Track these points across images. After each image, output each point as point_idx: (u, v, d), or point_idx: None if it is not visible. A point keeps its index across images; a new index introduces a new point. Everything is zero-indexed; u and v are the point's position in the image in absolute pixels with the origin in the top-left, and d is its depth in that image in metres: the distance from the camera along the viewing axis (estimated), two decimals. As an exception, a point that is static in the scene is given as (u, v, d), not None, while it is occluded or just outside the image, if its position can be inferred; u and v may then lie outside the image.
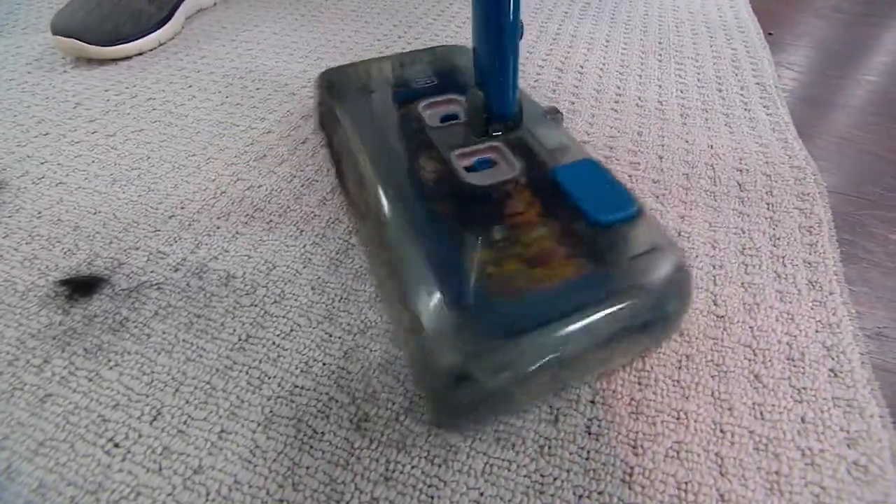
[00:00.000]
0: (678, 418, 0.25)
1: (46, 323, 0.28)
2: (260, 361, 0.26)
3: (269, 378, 0.26)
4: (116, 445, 0.23)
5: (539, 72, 0.52)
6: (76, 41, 0.50)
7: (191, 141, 0.42)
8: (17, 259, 0.32)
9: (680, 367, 0.27)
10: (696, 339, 0.28)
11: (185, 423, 0.24)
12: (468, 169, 0.28)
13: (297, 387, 0.25)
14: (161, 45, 0.56)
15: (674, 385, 0.26)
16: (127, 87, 0.49)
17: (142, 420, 0.24)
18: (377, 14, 0.63)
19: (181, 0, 0.58)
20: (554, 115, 0.33)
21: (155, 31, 0.55)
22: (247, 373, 0.26)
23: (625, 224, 0.24)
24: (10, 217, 0.35)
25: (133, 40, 0.53)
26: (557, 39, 0.58)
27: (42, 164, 0.40)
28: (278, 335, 0.28)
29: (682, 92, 0.49)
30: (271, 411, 0.24)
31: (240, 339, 0.27)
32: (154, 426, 0.24)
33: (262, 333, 0.28)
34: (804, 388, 0.26)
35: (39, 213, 0.35)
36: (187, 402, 0.25)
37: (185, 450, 0.23)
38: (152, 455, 0.23)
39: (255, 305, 0.29)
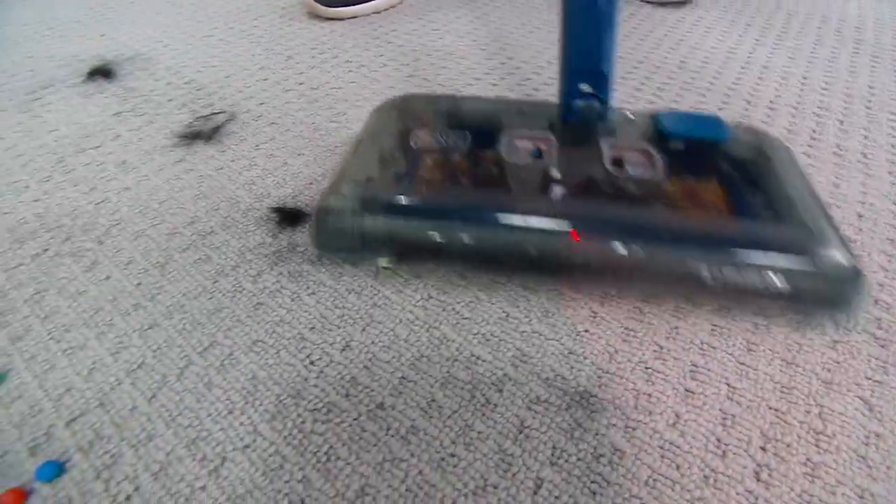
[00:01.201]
0: (861, 497, 0.23)
1: (260, 241, 0.33)
2: (441, 324, 0.28)
3: (450, 341, 0.27)
4: (312, 363, 0.27)
5: (725, 101, 0.49)
6: None
7: (382, 106, 0.45)
8: (241, 181, 0.37)
9: (867, 444, 0.25)
10: (890, 418, 0.25)
11: (370, 360, 0.27)
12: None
13: (474, 356, 0.27)
14: (375, 13, 0.62)
15: (859, 461, 0.24)
16: (329, 48, 0.54)
17: (333, 347, 0.27)
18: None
19: None
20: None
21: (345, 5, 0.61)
22: (428, 331, 0.28)
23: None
24: (236, 145, 0.41)
25: (352, 5, 0.59)
26: (747, 69, 0.54)
27: (261, 104, 0.45)
28: (463, 306, 0.29)
29: (893, 147, 0.44)
30: (449, 372, 0.26)
31: (422, 298, 0.30)
32: (344, 355, 0.27)
33: (445, 298, 0.30)
34: None
35: (257, 145, 0.41)
36: (373, 342, 0.27)
37: (369, 384, 0.26)
38: (341, 381, 0.26)
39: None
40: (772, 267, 0.25)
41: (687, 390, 0.25)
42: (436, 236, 0.27)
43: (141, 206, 0.36)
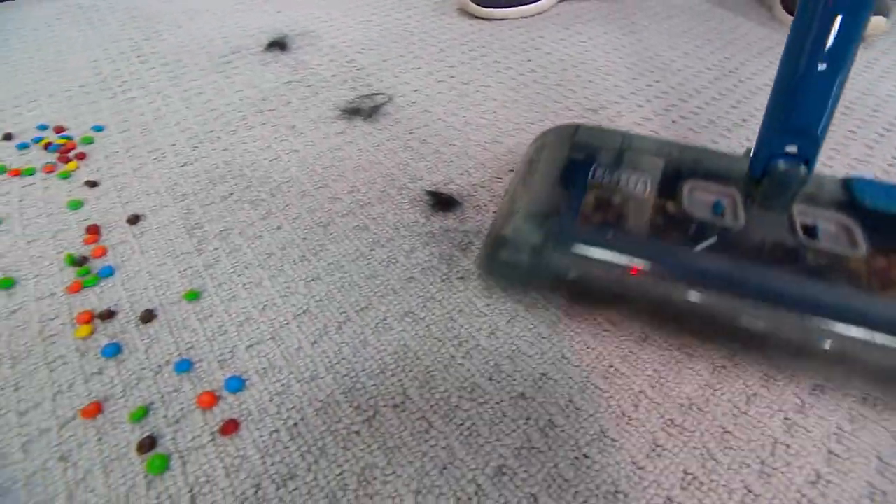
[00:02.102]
0: None
1: (413, 220, 0.35)
2: (583, 333, 0.29)
3: (591, 349, 0.28)
4: (460, 343, 0.28)
5: (878, 140, 0.45)
6: None
7: (529, 109, 0.47)
8: (396, 161, 0.40)
9: None
10: None
11: (514, 351, 0.28)
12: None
13: (613, 367, 0.27)
14: (523, 17, 0.63)
15: None
16: (479, 47, 0.56)
17: (480, 332, 0.29)
18: (706, 43, 0.61)
19: None
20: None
21: (526, 4, 0.62)
22: (570, 336, 0.29)
23: None
24: (392, 125, 0.44)
25: (504, 7, 0.61)
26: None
27: (415, 91, 0.48)
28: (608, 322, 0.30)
29: None
30: (588, 378, 0.27)
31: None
32: (489, 342, 0.28)
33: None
34: None
35: (411, 130, 0.43)
36: (518, 335, 0.29)
37: (512, 373, 0.27)
38: (486, 365, 0.27)
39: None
40: None
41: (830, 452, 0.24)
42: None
43: (307, 168, 0.40)
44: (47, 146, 0.42)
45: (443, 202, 0.36)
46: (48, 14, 0.67)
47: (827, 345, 0.23)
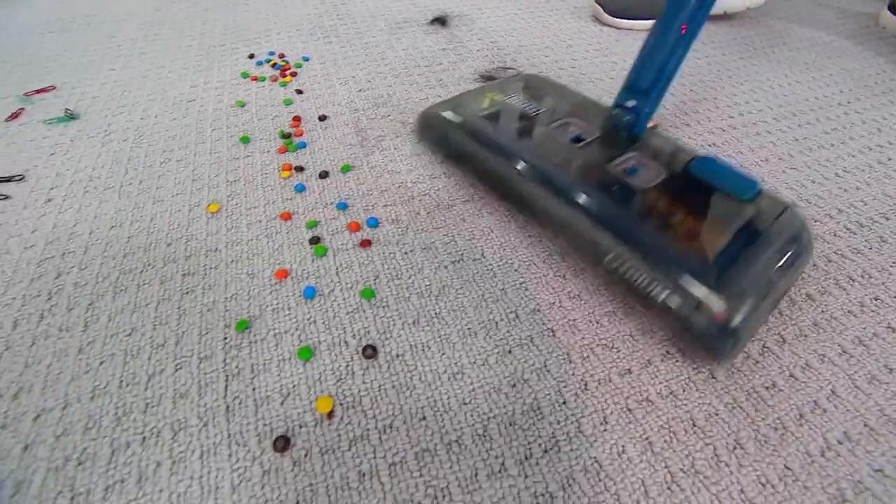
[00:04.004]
0: None
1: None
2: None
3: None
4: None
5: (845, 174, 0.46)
6: (598, 5, 0.68)
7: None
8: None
9: None
10: None
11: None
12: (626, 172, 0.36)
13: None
14: (646, 30, 0.71)
15: None
16: (603, 48, 0.65)
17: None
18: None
19: None
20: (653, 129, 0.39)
21: (651, 20, 0.70)
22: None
23: (760, 194, 0.33)
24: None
25: (630, 19, 0.69)
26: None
27: (539, 72, 0.59)
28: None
29: None
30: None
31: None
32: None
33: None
34: None
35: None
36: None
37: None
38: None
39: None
40: (671, 287, 0.29)
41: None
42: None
43: (443, 110, 0.53)
44: (273, 65, 0.60)
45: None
46: (278, -23, 0.89)
47: (593, 244, 0.33)
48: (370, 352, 0.30)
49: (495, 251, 0.37)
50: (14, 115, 0.52)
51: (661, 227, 0.32)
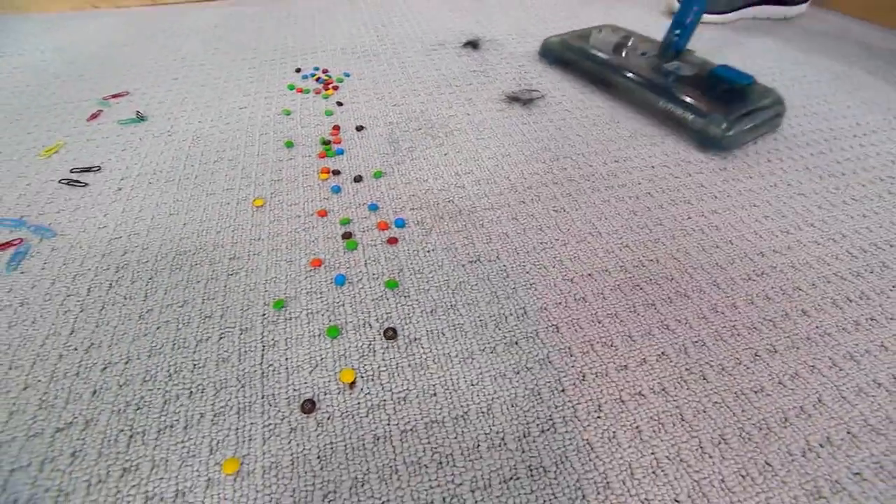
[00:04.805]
0: None
1: (534, 170, 0.50)
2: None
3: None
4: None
5: None
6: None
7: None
8: (541, 137, 0.55)
9: None
10: None
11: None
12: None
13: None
14: (713, 23, 0.83)
15: None
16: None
17: (553, 242, 0.42)
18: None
19: (751, 4, 0.84)
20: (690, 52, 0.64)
21: (717, 13, 0.81)
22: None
23: (753, 83, 0.58)
24: (539, 114, 0.59)
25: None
26: None
27: (563, 96, 0.63)
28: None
29: None
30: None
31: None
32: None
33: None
34: None
35: (551, 119, 0.58)
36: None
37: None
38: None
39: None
40: (699, 115, 0.54)
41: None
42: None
43: (474, 125, 0.57)
44: (317, 79, 0.66)
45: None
46: (326, 2, 0.96)
47: (658, 103, 0.58)
48: (391, 333, 0.34)
49: (510, 255, 0.41)
50: (94, 116, 0.59)
51: (692, 93, 0.56)
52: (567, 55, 0.68)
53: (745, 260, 0.41)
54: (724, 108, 0.53)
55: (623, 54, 0.64)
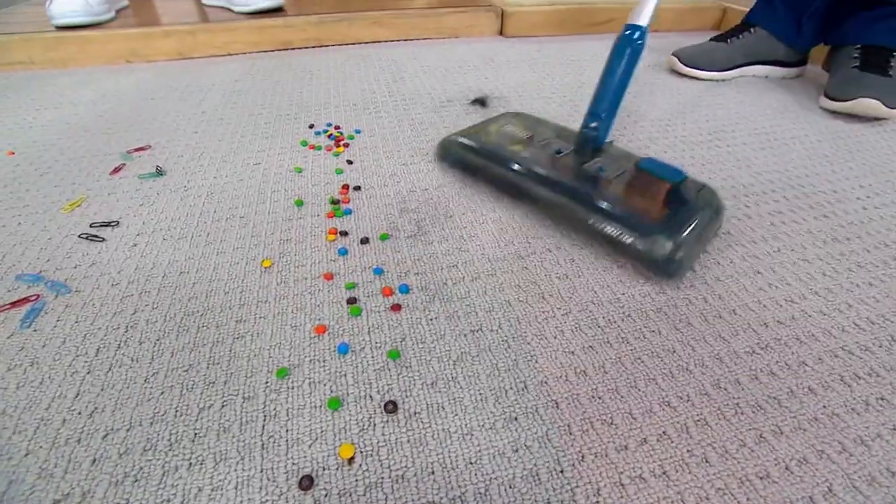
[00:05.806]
0: None
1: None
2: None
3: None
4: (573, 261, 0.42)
5: None
6: (675, 58, 0.86)
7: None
8: (537, 195, 0.56)
9: None
10: None
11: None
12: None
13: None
14: (712, 81, 0.85)
15: None
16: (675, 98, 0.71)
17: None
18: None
19: (750, 63, 0.87)
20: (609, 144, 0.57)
21: (716, 71, 0.83)
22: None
23: (685, 179, 0.49)
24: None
25: (704, 70, 0.82)
26: None
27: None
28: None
29: None
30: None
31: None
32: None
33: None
34: None
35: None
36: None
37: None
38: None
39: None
40: (636, 235, 0.45)
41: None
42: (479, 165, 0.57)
43: (479, 190, 0.58)
44: (329, 136, 0.69)
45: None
46: (341, 58, 1.01)
47: (581, 215, 0.48)
48: (391, 407, 0.34)
49: (511, 324, 0.41)
50: (116, 170, 0.62)
51: (623, 201, 0.48)
52: (468, 158, 0.58)
53: (749, 331, 0.41)
54: (666, 221, 0.45)
55: (534, 154, 0.55)
